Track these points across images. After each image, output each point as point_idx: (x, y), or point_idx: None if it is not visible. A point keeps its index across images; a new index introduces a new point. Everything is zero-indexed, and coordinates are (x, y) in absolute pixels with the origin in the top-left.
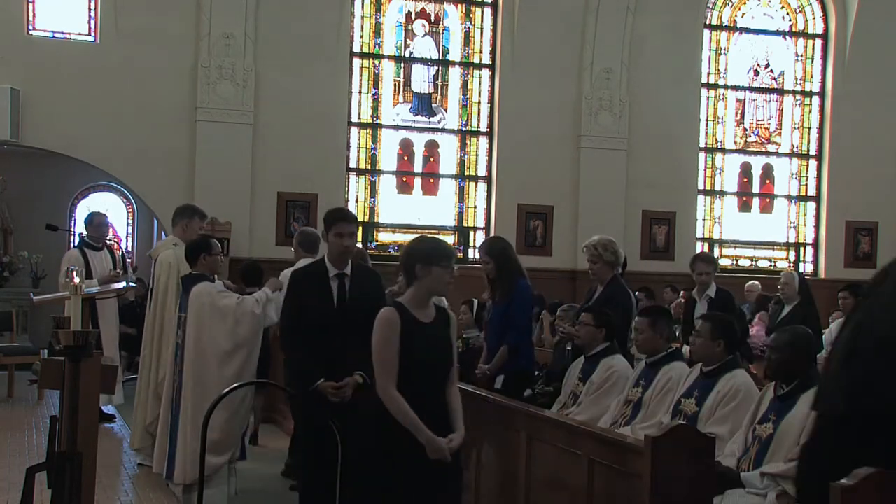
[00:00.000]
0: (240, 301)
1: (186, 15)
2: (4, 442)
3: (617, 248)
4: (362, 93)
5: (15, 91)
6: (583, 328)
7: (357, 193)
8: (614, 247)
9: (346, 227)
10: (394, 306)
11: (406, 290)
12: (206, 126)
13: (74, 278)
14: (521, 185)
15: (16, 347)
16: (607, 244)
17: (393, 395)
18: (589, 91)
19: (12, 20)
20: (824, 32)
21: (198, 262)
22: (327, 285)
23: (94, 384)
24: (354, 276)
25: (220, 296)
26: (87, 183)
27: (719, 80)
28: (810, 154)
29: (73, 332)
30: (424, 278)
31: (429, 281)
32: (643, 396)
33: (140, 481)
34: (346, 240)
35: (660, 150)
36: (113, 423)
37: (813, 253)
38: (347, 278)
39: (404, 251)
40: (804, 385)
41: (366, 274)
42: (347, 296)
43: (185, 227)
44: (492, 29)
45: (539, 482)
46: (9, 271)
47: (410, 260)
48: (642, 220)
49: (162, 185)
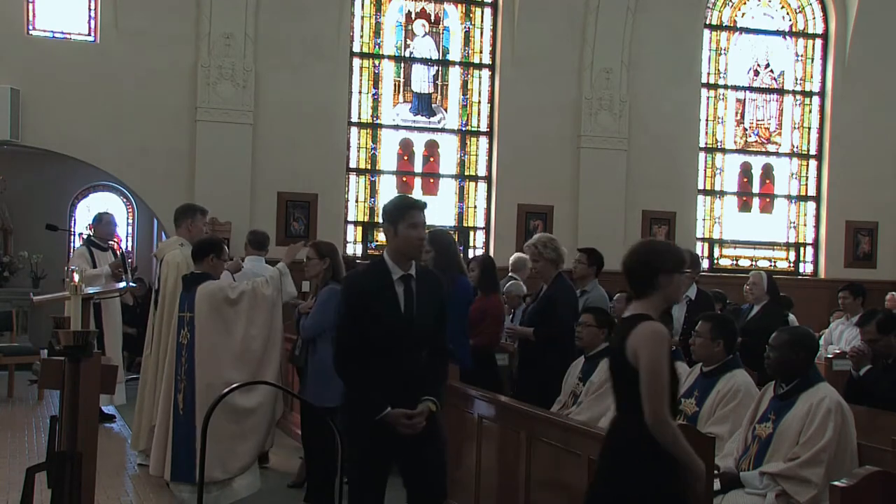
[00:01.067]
0: (251, 287)
1: (186, 15)
2: (4, 442)
3: (558, 246)
4: (362, 93)
5: (15, 91)
6: (584, 329)
7: (357, 193)
8: (555, 244)
9: (420, 217)
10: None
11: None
12: (206, 126)
13: (75, 278)
14: (521, 185)
15: (16, 347)
16: (547, 242)
17: (671, 423)
18: (589, 91)
19: (12, 20)
20: (824, 32)
21: (204, 262)
22: (391, 290)
23: (94, 384)
24: (420, 278)
25: (232, 289)
26: (87, 183)
27: (719, 80)
28: (810, 154)
29: (73, 332)
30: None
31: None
32: None
33: (140, 481)
34: (422, 231)
35: (660, 150)
36: (113, 423)
37: (813, 253)
38: (414, 281)
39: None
40: (803, 384)
41: (431, 276)
42: (415, 302)
43: (189, 227)
44: (492, 29)
45: (539, 482)
46: (9, 271)
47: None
48: (642, 220)
49: (162, 185)
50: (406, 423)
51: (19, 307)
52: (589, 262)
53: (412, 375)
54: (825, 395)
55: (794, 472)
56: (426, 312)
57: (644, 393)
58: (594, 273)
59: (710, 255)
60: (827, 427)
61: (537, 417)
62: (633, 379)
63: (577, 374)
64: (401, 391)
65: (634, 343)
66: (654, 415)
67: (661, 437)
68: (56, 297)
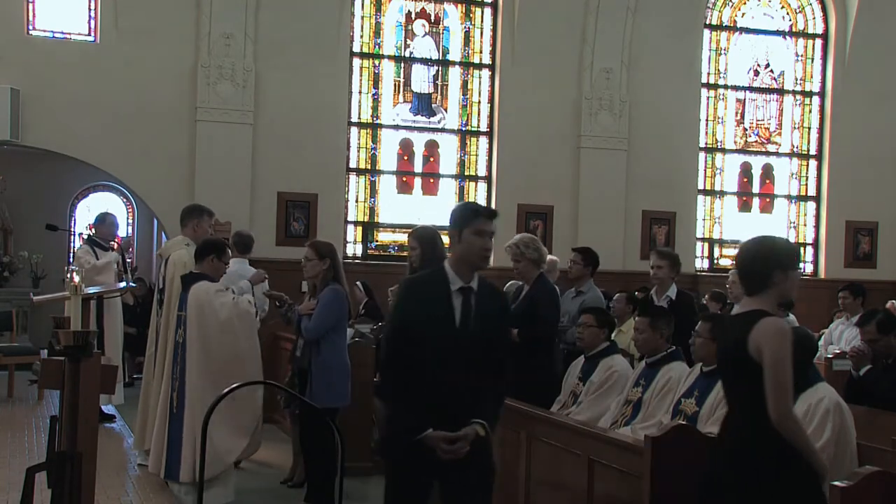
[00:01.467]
0: (236, 299)
1: (186, 15)
2: (4, 442)
3: (539, 246)
4: (362, 93)
5: (15, 91)
6: (585, 329)
7: (357, 193)
8: (536, 244)
9: (489, 225)
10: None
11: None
12: (206, 126)
13: (75, 278)
14: (521, 185)
15: (16, 347)
16: (529, 242)
17: (797, 418)
18: (589, 91)
19: (12, 20)
20: (824, 32)
21: (204, 262)
22: (448, 301)
23: (94, 384)
24: (481, 292)
25: (218, 294)
26: (87, 183)
27: (719, 80)
28: (810, 154)
29: (73, 332)
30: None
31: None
32: (643, 396)
33: (140, 481)
34: (489, 240)
35: (660, 150)
36: (113, 423)
37: (813, 253)
38: (474, 294)
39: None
40: (802, 385)
41: (494, 291)
42: (472, 317)
43: (195, 227)
44: (492, 29)
45: (539, 482)
46: (9, 271)
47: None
48: (642, 220)
49: (162, 185)
50: (445, 449)
51: (19, 307)
52: (584, 262)
53: (459, 396)
54: (824, 396)
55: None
56: (483, 329)
57: (769, 388)
58: (590, 273)
59: (710, 255)
60: (825, 427)
61: (537, 417)
62: (753, 375)
63: (577, 373)
64: (445, 411)
65: (758, 339)
66: (780, 410)
67: (787, 432)
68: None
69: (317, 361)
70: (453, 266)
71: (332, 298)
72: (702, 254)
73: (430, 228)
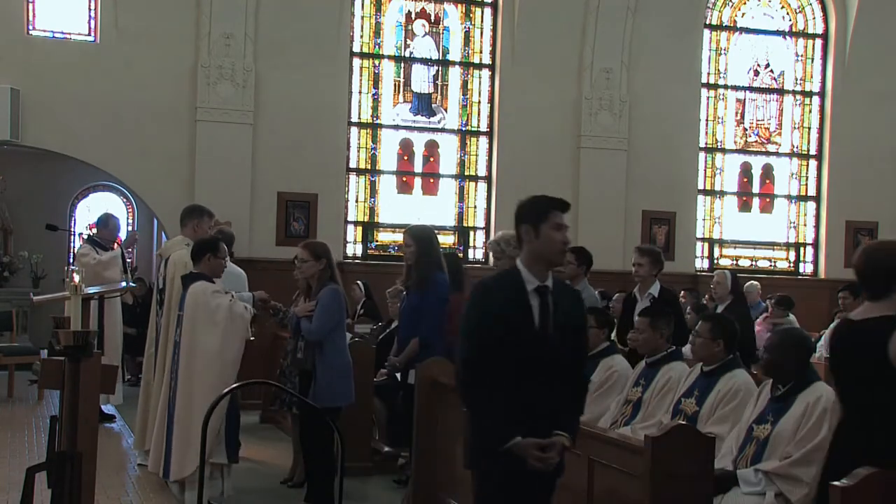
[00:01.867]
0: (233, 301)
1: (186, 15)
2: (4, 442)
3: None
4: (362, 93)
5: (15, 91)
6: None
7: (357, 193)
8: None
9: (564, 218)
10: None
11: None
12: (206, 126)
13: (75, 278)
14: (521, 185)
15: (16, 347)
16: (510, 239)
17: None
18: (589, 91)
19: (12, 20)
20: (824, 32)
21: (202, 262)
22: (525, 302)
23: (94, 384)
24: (558, 291)
25: (214, 295)
26: (87, 183)
27: (719, 80)
28: (810, 154)
29: (73, 332)
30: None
31: None
32: (643, 396)
33: (140, 481)
34: (566, 234)
35: (660, 150)
36: (113, 423)
37: (813, 253)
38: (550, 294)
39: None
40: (800, 385)
41: (570, 291)
42: (551, 319)
43: (195, 228)
44: (492, 29)
45: None
46: (9, 271)
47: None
48: (642, 220)
49: (162, 185)
50: (537, 456)
51: (19, 307)
52: (578, 261)
53: (542, 404)
54: (821, 395)
55: (785, 471)
56: (563, 332)
57: None
58: (584, 272)
59: (710, 255)
60: (821, 427)
61: None
62: (892, 382)
63: None
64: (529, 421)
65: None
66: None
67: None
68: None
69: (321, 361)
70: (527, 264)
71: (331, 298)
72: (702, 254)
73: (425, 227)
